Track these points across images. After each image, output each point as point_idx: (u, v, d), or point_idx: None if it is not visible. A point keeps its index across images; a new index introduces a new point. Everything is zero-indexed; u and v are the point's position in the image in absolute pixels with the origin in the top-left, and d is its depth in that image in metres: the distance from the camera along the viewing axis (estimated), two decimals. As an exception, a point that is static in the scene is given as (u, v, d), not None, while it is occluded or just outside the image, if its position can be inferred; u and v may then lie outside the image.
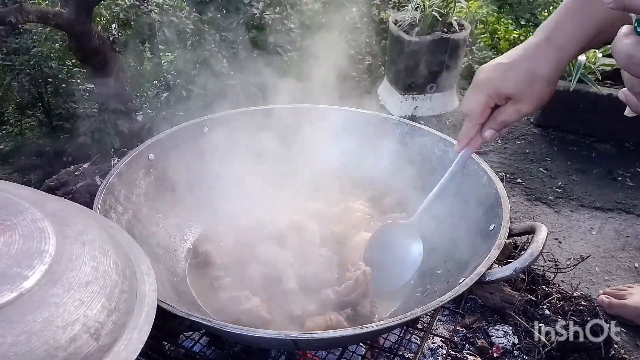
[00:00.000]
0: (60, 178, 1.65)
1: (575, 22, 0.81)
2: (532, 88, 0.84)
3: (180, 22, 2.57)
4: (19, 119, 3.49)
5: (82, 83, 3.18)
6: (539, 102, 0.86)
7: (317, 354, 1.11)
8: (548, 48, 0.83)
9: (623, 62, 0.55)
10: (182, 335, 1.15)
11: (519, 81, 0.84)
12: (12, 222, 0.63)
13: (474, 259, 0.99)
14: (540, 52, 0.83)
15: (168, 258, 1.19)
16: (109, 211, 1.04)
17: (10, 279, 0.55)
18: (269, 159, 1.45)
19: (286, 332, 0.79)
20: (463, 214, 1.19)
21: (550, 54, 0.83)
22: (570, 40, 0.82)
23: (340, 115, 1.46)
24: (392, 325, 0.81)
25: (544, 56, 0.83)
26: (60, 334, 0.54)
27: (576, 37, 0.82)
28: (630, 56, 0.53)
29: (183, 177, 1.32)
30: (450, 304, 1.33)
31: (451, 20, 2.69)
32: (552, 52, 0.82)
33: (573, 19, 0.82)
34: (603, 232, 2.00)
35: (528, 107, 0.86)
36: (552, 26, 0.84)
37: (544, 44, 0.83)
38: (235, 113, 1.42)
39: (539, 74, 0.83)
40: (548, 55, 0.83)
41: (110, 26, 2.86)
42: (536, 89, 0.84)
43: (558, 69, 0.83)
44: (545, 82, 0.83)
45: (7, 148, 3.45)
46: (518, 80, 0.84)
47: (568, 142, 2.61)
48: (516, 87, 0.85)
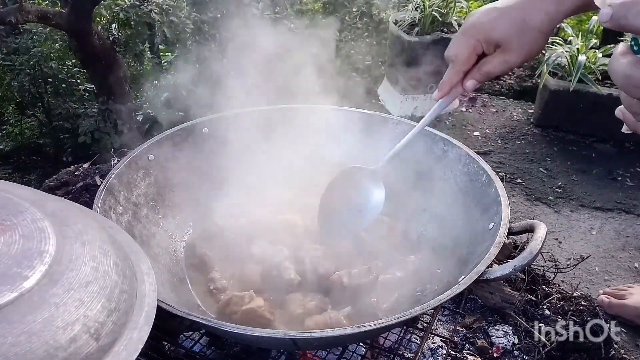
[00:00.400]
0: (60, 178, 1.65)
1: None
2: (524, 37, 0.79)
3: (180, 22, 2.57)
4: (19, 119, 3.50)
5: (82, 83, 3.18)
6: (529, 54, 0.81)
7: (317, 354, 1.11)
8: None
9: (620, 83, 0.54)
10: (182, 335, 1.15)
11: (511, 28, 0.80)
12: (12, 222, 0.63)
13: (473, 257, 0.99)
14: (537, 1, 0.79)
15: (168, 258, 1.19)
16: (108, 211, 1.04)
17: (10, 279, 0.55)
18: (268, 159, 1.45)
19: (285, 332, 0.79)
20: (462, 213, 1.19)
21: (547, 4, 0.78)
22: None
23: (340, 115, 1.46)
24: (392, 324, 0.81)
25: (540, 5, 0.78)
26: (60, 334, 0.54)
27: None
28: (628, 77, 0.52)
29: (183, 178, 1.32)
30: (450, 303, 1.33)
31: (451, 20, 2.69)
32: (549, 3, 0.78)
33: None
34: (603, 232, 2.00)
35: (516, 58, 0.82)
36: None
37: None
38: (234, 114, 1.42)
39: (533, 23, 0.78)
40: (544, 5, 0.78)
41: (110, 26, 2.86)
42: (527, 39, 0.79)
43: (553, 21, 0.79)
44: (537, 32, 0.79)
45: (7, 148, 3.45)
46: (509, 28, 0.80)
47: (568, 142, 2.61)
48: (507, 34, 0.80)
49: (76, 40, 2.60)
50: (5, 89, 3.07)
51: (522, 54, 0.81)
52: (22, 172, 3.24)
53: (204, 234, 1.28)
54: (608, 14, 0.48)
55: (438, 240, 1.24)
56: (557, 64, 2.62)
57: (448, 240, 1.20)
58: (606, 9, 0.49)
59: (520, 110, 2.96)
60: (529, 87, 3.29)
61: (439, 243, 1.23)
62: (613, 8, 0.48)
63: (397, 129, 1.40)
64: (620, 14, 0.48)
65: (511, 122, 2.82)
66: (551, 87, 2.61)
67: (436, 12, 2.63)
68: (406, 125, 1.39)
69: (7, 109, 3.50)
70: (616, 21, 0.48)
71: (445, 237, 1.22)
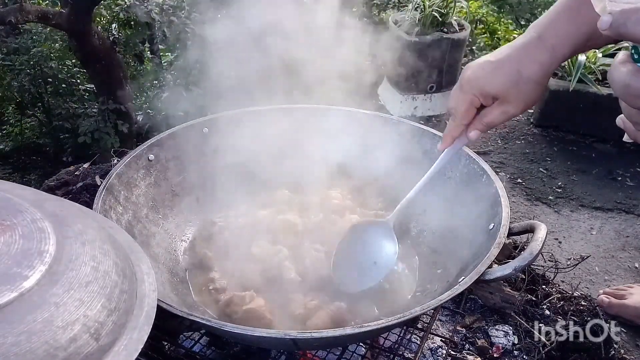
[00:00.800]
0: (60, 178, 1.65)
1: (570, 21, 0.77)
2: (520, 89, 0.80)
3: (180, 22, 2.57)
4: (19, 119, 3.50)
5: (82, 83, 3.18)
6: (527, 103, 0.82)
7: (317, 354, 1.11)
8: (539, 48, 0.78)
9: (620, 92, 0.53)
10: (182, 335, 1.15)
11: (506, 81, 0.80)
12: (12, 222, 0.63)
13: (473, 258, 0.99)
14: (530, 51, 0.79)
15: (168, 258, 1.19)
16: (108, 211, 1.04)
17: (10, 279, 0.55)
18: (268, 159, 1.45)
19: (285, 332, 0.79)
20: (463, 214, 1.19)
21: (540, 54, 0.78)
22: (564, 41, 0.77)
23: (340, 115, 1.46)
24: (392, 324, 0.81)
25: (534, 56, 0.78)
26: (60, 334, 0.54)
27: (570, 37, 0.77)
28: (627, 86, 0.51)
29: (183, 178, 1.33)
30: (450, 303, 1.33)
31: (451, 20, 2.69)
32: (542, 52, 0.78)
33: (568, 17, 0.77)
34: (603, 232, 2.00)
35: (515, 109, 0.82)
36: (546, 24, 0.79)
37: (534, 43, 0.79)
38: (234, 113, 1.42)
39: (527, 74, 0.79)
40: (538, 55, 0.78)
41: (110, 26, 2.86)
42: (524, 90, 0.80)
43: (548, 71, 0.79)
44: (533, 83, 0.79)
45: (7, 148, 3.45)
46: (505, 81, 0.80)
47: (568, 142, 2.61)
48: (503, 87, 0.81)
49: (76, 40, 2.60)
50: (5, 89, 3.07)
51: (521, 105, 0.82)
52: (22, 172, 3.24)
53: (203, 234, 1.28)
54: (607, 22, 0.48)
55: (438, 240, 1.24)
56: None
57: (448, 240, 1.20)
58: (606, 16, 0.48)
59: (520, 110, 2.96)
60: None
61: (439, 243, 1.23)
62: (613, 16, 0.47)
63: (397, 129, 1.40)
64: (619, 22, 0.47)
65: (511, 122, 2.82)
66: (551, 87, 2.61)
67: (436, 12, 2.63)
68: (406, 125, 1.39)
69: (7, 109, 3.50)
70: (616, 29, 0.48)
71: (446, 237, 1.22)
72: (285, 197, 1.36)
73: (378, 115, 1.45)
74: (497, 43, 3.55)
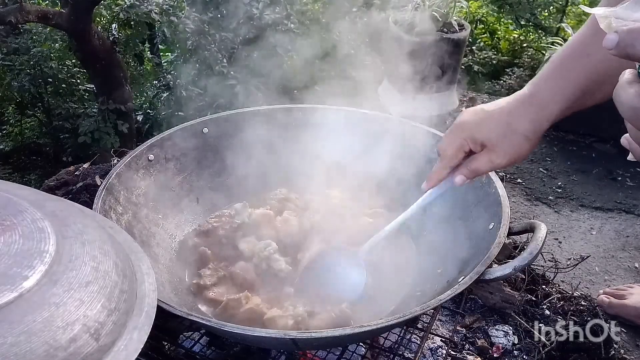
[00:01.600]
0: (60, 178, 1.65)
1: (558, 81, 0.77)
2: (508, 141, 0.80)
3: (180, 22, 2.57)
4: (19, 119, 3.50)
5: (82, 83, 3.18)
6: (515, 157, 0.82)
7: (317, 354, 1.11)
8: (529, 105, 0.79)
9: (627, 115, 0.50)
10: (182, 335, 1.15)
11: (495, 131, 0.81)
12: (12, 222, 0.63)
13: (473, 258, 0.99)
14: (521, 107, 0.80)
15: (168, 258, 1.19)
16: (108, 212, 1.04)
17: (10, 279, 0.55)
18: (268, 159, 1.45)
19: (285, 332, 0.79)
20: (462, 213, 1.19)
21: (530, 112, 0.79)
22: (552, 99, 0.78)
23: (340, 115, 1.46)
24: (392, 324, 0.81)
25: (524, 113, 0.80)
26: (60, 334, 0.54)
27: (560, 94, 0.77)
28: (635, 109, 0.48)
29: (183, 178, 1.33)
30: (450, 303, 1.33)
31: (451, 20, 2.69)
32: (532, 110, 0.79)
33: (557, 77, 0.78)
34: (603, 232, 2.00)
35: (501, 159, 0.82)
36: (537, 82, 0.80)
37: (527, 100, 0.80)
38: (234, 114, 1.42)
39: (517, 129, 0.80)
40: (528, 112, 0.79)
41: (110, 26, 2.86)
42: (512, 143, 0.80)
43: (538, 128, 0.79)
44: (522, 138, 0.80)
45: (7, 148, 3.45)
46: (494, 130, 0.81)
47: (568, 142, 2.61)
48: (491, 136, 0.81)
49: (76, 40, 2.60)
50: (5, 89, 3.07)
51: (507, 157, 0.82)
52: (22, 172, 3.24)
53: (197, 231, 1.28)
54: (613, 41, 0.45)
55: (438, 240, 1.24)
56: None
57: (448, 240, 1.20)
58: (612, 35, 0.45)
59: (520, 110, 2.96)
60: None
61: (439, 243, 1.23)
62: (619, 35, 0.44)
63: (397, 129, 1.40)
64: (627, 42, 0.44)
65: (511, 122, 2.83)
66: (551, 87, 2.61)
67: (436, 12, 2.63)
68: (406, 125, 1.39)
69: (7, 109, 3.50)
70: (622, 49, 0.44)
71: (446, 237, 1.22)
72: (285, 198, 1.36)
73: (378, 115, 1.45)
74: (497, 43, 3.55)
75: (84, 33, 2.51)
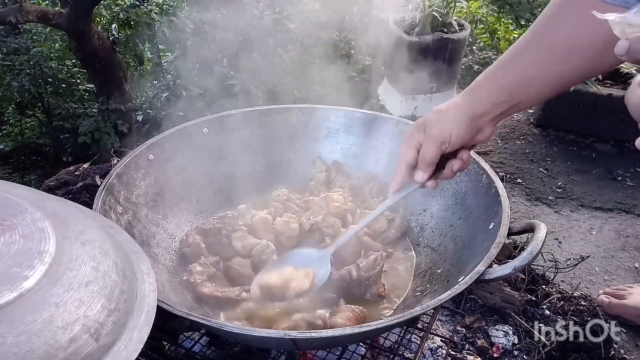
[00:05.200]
0: (60, 178, 1.65)
1: (490, 81, 0.86)
2: (441, 123, 0.88)
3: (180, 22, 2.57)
4: (19, 119, 3.50)
5: (82, 83, 3.18)
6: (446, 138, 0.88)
7: (317, 354, 1.11)
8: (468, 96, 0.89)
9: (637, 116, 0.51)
10: (182, 335, 1.15)
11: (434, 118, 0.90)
12: (12, 222, 0.63)
13: (473, 258, 0.99)
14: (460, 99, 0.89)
15: (168, 258, 1.19)
16: (108, 212, 1.04)
17: (10, 279, 0.55)
18: (268, 159, 1.45)
19: (285, 332, 0.79)
20: (463, 213, 1.19)
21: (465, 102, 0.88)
22: (485, 95, 0.86)
23: (340, 115, 1.46)
24: (392, 324, 0.81)
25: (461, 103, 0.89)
26: (60, 334, 0.54)
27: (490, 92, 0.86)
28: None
29: (183, 178, 1.32)
30: (450, 303, 1.33)
31: (451, 20, 2.69)
32: (467, 100, 0.88)
33: (490, 78, 0.87)
34: (603, 232, 2.00)
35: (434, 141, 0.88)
36: (475, 84, 0.89)
37: (466, 95, 0.89)
38: (234, 114, 1.42)
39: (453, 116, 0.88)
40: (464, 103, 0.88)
41: (110, 26, 2.86)
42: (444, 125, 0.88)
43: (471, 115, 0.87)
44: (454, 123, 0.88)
45: (7, 148, 3.45)
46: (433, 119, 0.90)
47: (568, 142, 2.61)
48: (431, 122, 0.89)
49: (76, 40, 2.60)
50: (5, 89, 3.07)
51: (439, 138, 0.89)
52: (22, 172, 3.24)
53: (199, 229, 1.28)
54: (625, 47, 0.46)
55: (438, 240, 1.24)
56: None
57: (448, 240, 1.20)
58: (624, 42, 0.46)
59: (520, 110, 2.96)
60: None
61: (438, 243, 1.23)
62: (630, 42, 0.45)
63: (397, 129, 1.40)
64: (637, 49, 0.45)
65: (511, 122, 2.82)
66: (551, 87, 2.61)
67: (436, 12, 2.63)
68: (406, 125, 1.39)
69: (7, 109, 3.50)
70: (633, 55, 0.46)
71: (446, 237, 1.22)
72: (285, 197, 1.36)
73: (378, 115, 1.45)
74: (497, 43, 3.55)
75: (84, 33, 2.51)
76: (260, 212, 1.28)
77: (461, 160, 0.91)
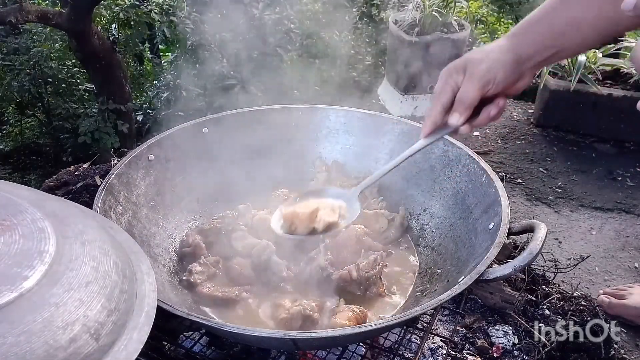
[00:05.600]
0: (60, 178, 1.65)
1: (533, 27, 0.85)
2: (485, 64, 0.86)
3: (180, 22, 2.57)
4: (19, 119, 3.50)
5: (82, 83, 3.18)
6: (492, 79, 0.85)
7: (317, 354, 1.11)
8: (511, 39, 0.86)
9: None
10: (182, 335, 1.15)
11: (479, 58, 0.87)
12: (12, 222, 0.63)
13: (473, 258, 0.99)
14: (503, 41, 0.87)
15: (168, 258, 1.19)
16: (108, 212, 1.04)
17: (10, 279, 0.55)
18: (268, 159, 1.45)
19: (285, 332, 0.79)
20: (463, 213, 1.19)
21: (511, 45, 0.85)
22: (530, 39, 0.84)
23: (340, 115, 1.46)
24: (392, 324, 0.81)
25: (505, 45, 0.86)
26: (60, 334, 0.54)
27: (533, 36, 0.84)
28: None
29: (183, 178, 1.32)
30: (450, 303, 1.33)
31: (451, 20, 2.69)
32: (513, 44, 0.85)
33: (532, 24, 0.85)
34: (603, 232, 2.00)
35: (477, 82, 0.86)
36: (516, 30, 0.88)
37: (508, 39, 0.87)
38: (234, 114, 1.42)
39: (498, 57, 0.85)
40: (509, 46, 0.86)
41: (110, 26, 2.86)
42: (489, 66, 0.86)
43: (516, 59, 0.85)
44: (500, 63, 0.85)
45: (7, 148, 3.45)
46: (477, 58, 0.88)
47: (568, 142, 2.61)
48: (475, 61, 0.87)
49: (76, 40, 2.60)
50: (5, 89, 3.07)
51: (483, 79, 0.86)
52: (22, 172, 3.24)
53: (199, 229, 1.28)
54: (632, 3, 0.47)
55: (438, 240, 1.24)
56: (557, 64, 2.62)
57: (448, 240, 1.20)
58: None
59: (520, 110, 2.96)
60: (529, 87, 3.28)
61: (438, 243, 1.23)
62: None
63: (397, 128, 1.40)
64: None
65: (511, 122, 2.82)
66: (551, 87, 2.61)
67: (436, 12, 2.63)
68: (406, 125, 1.39)
69: (7, 109, 3.50)
70: (639, 11, 0.48)
71: (446, 237, 1.22)
72: (284, 197, 1.36)
73: (378, 115, 1.45)
74: (497, 43, 3.55)
75: (84, 33, 2.51)
76: (260, 212, 1.28)
77: (497, 106, 0.87)
